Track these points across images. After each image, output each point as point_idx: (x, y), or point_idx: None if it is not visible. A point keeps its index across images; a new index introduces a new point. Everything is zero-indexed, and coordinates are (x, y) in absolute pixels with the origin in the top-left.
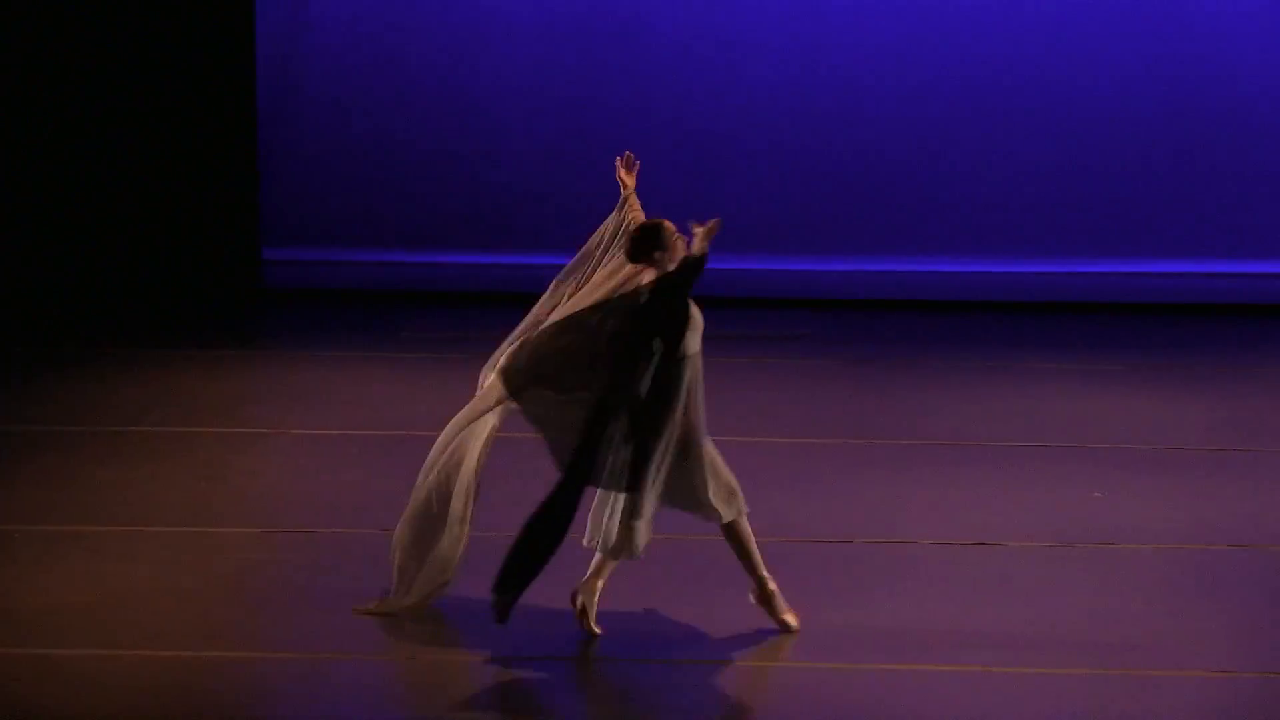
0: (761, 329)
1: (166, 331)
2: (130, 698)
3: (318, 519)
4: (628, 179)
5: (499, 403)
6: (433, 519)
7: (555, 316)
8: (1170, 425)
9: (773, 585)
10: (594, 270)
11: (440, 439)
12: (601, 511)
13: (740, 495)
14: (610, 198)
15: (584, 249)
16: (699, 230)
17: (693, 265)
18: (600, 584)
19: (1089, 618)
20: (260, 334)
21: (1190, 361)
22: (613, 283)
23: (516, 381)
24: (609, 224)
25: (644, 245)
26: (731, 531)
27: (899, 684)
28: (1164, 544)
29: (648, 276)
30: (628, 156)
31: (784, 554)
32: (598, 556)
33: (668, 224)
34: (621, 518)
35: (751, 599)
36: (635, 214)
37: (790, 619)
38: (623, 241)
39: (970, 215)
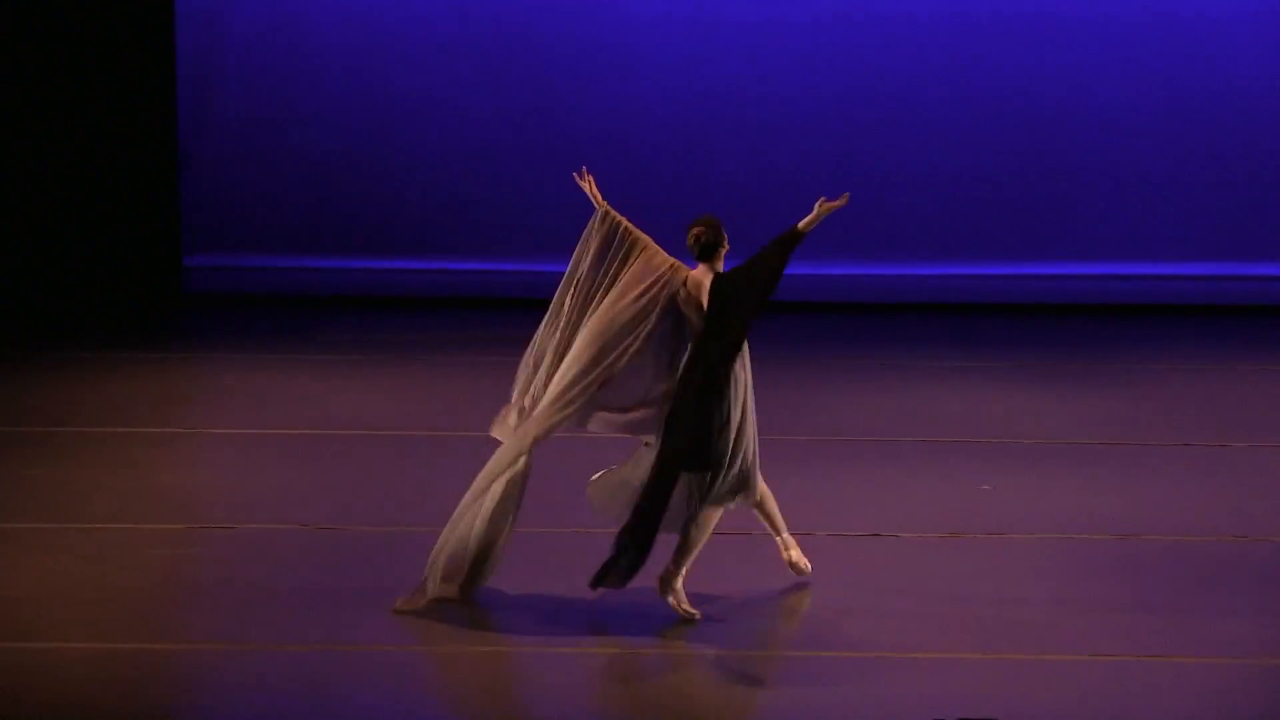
0: None
1: (92, 336)
2: (57, 688)
3: (239, 515)
4: (595, 191)
5: (531, 447)
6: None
7: (581, 344)
8: (1054, 421)
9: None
10: (603, 287)
11: (475, 487)
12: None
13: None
14: (519, 204)
15: (576, 269)
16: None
17: (798, 237)
18: (686, 569)
19: (980, 604)
20: (182, 338)
21: (1072, 360)
22: (640, 288)
23: (572, 420)
24: (596, 238)
25: (717, 240)
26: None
27: (799, 670)
28: (1049, 534)
29: (681, 274)
30: (584, 171)
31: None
32: (679, 541)
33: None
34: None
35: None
36: (626, 222)
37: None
38: (690, 244)
39: (859, 220)
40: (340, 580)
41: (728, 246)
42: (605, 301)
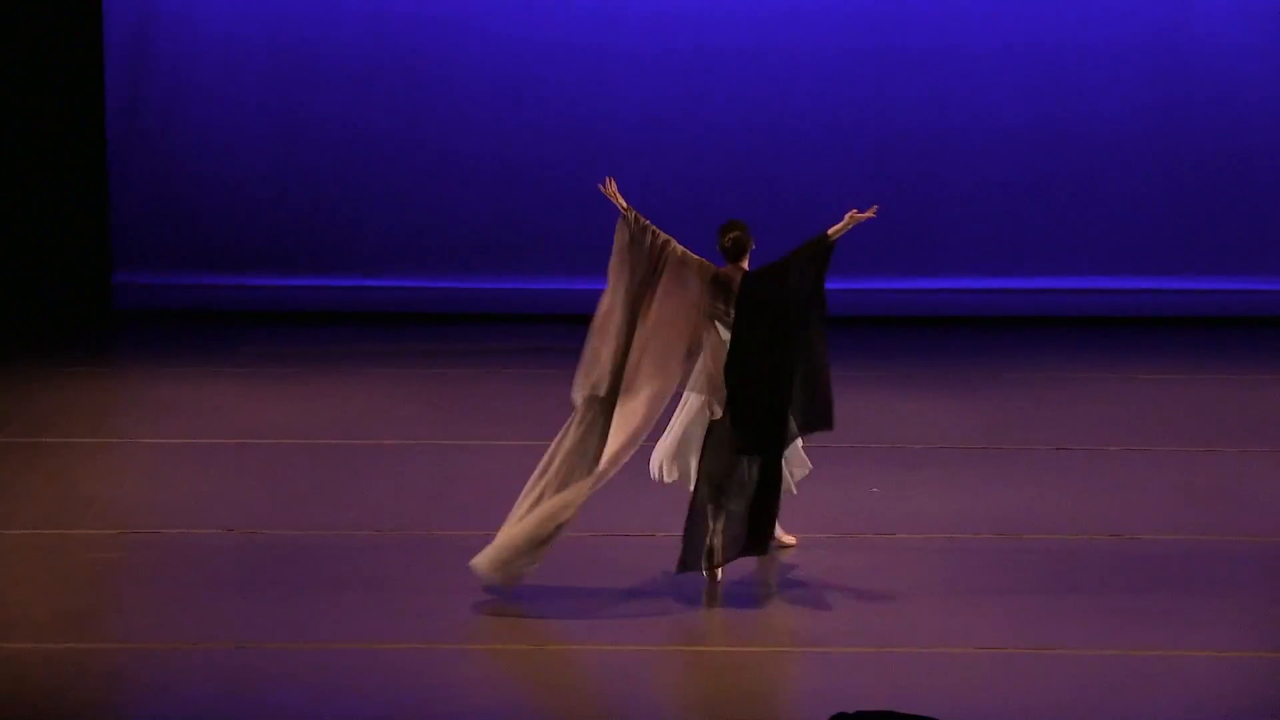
0: (565, 342)
1: (23, 351)
2: None
3: (165, 520)
4: (619, 197)
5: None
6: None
7: (650, 348)
8: (939, 427)
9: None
10: (654, 287)
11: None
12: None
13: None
14: (432, 223)
15: (621, 275)
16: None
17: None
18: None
19: (871, 601)
20: (111, 352)
21: (956, 369)
22: (694, 287)
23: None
24: (630, 241)
25: (748, 243)
26: None
27: (701, 664)
28: (936, 534)
29: (710, 270)
30: (608, 180)
31: (598, 548)
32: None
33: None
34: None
35: None
36: (650, 224)
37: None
38: (726, 245)
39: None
40: (261, 581)
41: (754, 246)
42: (654, 313)
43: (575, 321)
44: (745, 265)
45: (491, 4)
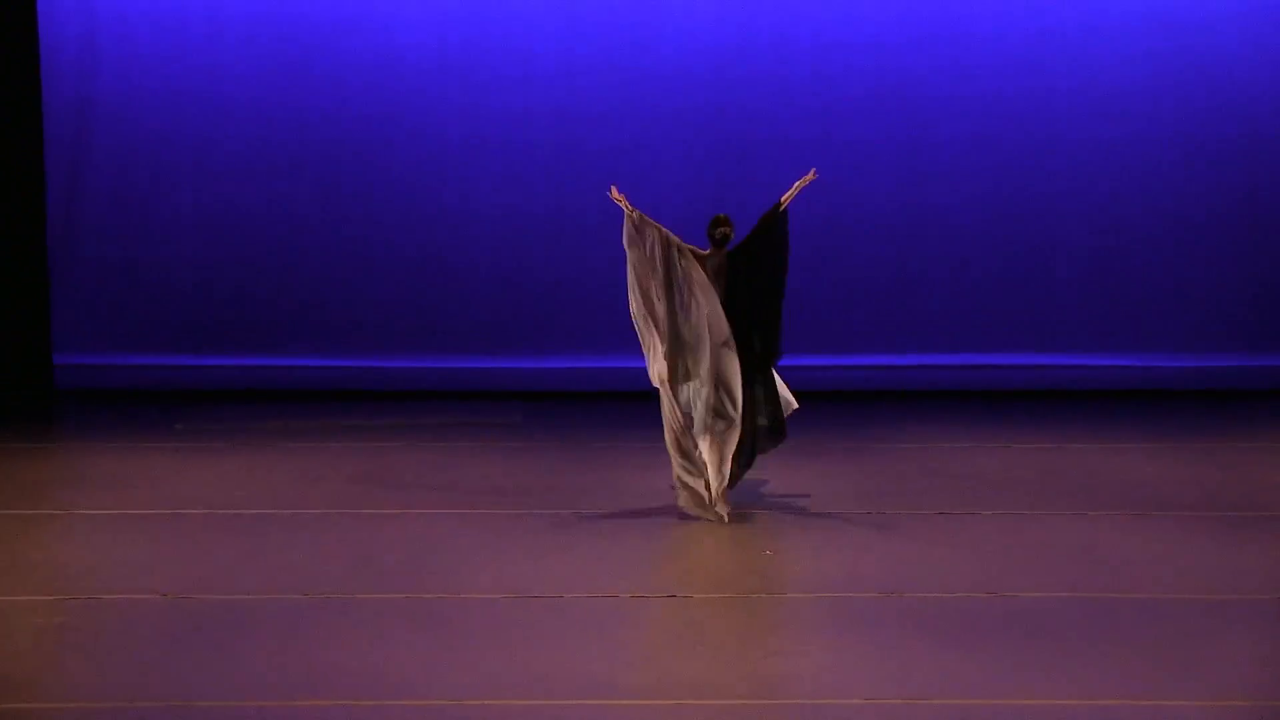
0: (483, 418)
1: None
2: None
3: (104, 586)
4: (624, 199)
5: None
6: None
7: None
8: (825, 492)
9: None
10: (690, 273)
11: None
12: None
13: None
14: (361, 304)
15: (637, 270)
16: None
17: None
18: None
19: (765, 655)
20: (52, 429)
21: (840, 440)
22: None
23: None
24: (634, 231)
25: (732, 233)
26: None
27: (604, 718)
28: (825, 593)
29: (703, 253)
30: (614, 189)
31: (504, 609)
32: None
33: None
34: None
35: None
36: (649, 221)
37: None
38: (718, 236)
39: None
40: (194, 642)
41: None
42: (686, 288)
43: (494, 398)
44: (726, 248)
45: (413, 100)
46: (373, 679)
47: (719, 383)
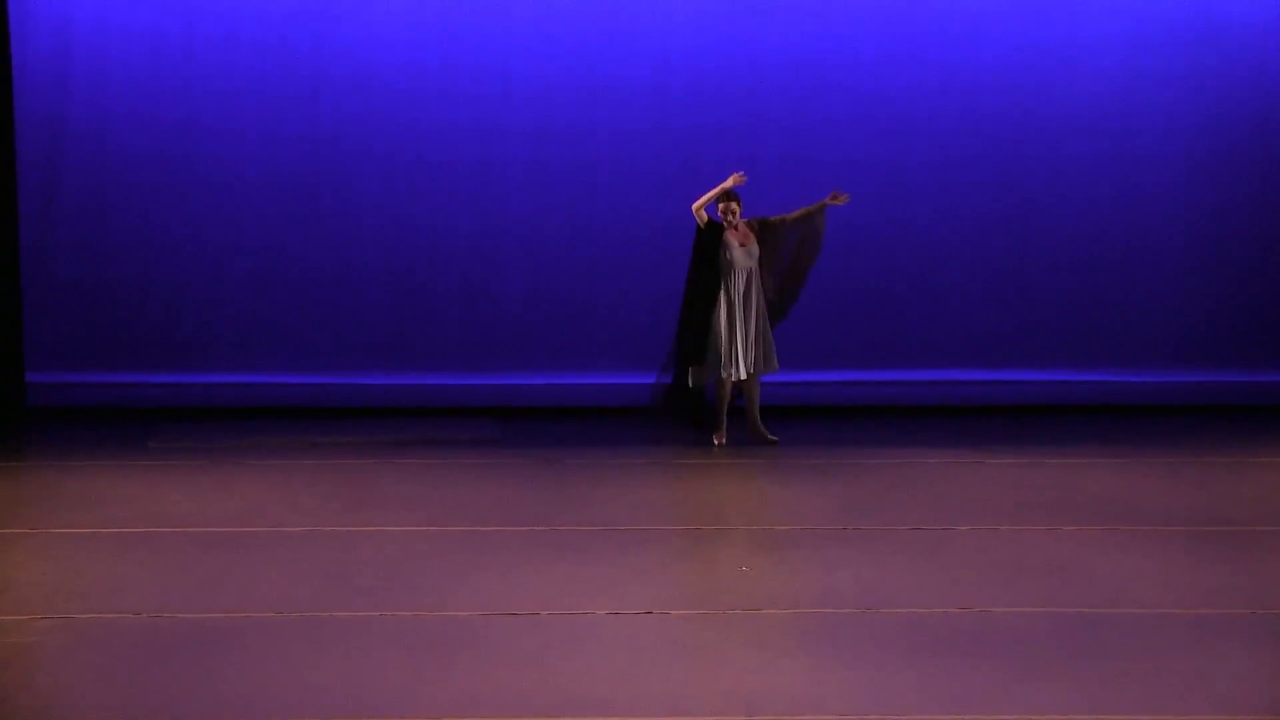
0: (459, 434)
1: None
2: None
3: (78, 605)
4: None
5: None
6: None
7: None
8: (800, 508)
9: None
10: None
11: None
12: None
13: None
14: (318, 325)
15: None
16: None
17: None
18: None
19: (742, 672)
20: (25, 448)
21: (812, 456)
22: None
23: None
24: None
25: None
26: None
27: None
28: (801, 609)
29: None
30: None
31: (480, 627)
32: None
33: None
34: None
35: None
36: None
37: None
38: (732, 215)
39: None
40: (169, 660)
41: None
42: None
43: (470, 414)
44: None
45: (390, 118)
46: (349, 697)
47: (762, 338)
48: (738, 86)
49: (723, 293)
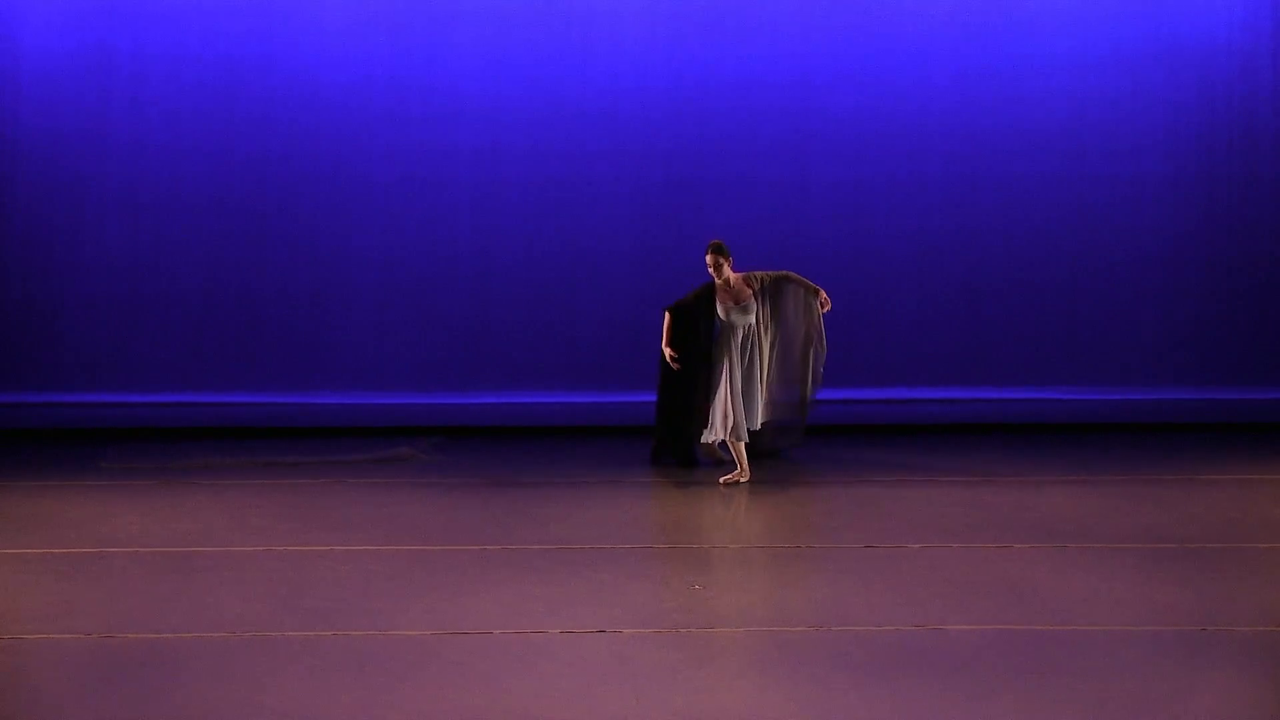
0: (411, 453)
1: None
2: None
3: (28, 626)
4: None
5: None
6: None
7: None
8: (753, 526)
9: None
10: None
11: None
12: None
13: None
14: (269, 345)
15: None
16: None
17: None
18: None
19: (694, 690)
20: None
21: (764, 472)
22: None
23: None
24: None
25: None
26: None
27: None
28: (753, 628)
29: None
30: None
31: (433, 646)
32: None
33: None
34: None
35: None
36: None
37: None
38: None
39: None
40: (119, 681)
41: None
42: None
43: (422, 434)
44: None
45: (339, 138)
46: (301, 718)
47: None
48: (688, 107)
49: (727, 360)
